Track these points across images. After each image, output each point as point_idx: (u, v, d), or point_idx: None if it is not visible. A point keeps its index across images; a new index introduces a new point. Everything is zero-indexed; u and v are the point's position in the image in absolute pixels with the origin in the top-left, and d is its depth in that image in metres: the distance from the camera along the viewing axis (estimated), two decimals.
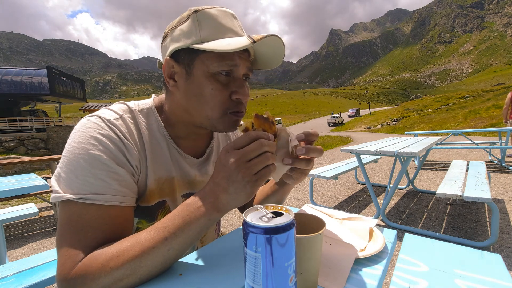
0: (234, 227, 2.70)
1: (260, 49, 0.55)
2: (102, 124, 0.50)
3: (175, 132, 0.62)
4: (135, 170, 0.53)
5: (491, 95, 23.57)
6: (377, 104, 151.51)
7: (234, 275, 0.45)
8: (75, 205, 0.45)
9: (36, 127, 22.11)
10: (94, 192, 0.46)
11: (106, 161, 0.48)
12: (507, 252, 1.91)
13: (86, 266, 0.42)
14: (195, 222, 0.44)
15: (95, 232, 0.46)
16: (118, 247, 0.44)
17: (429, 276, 0.43)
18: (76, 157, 0.47)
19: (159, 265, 0.44)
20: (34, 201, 4.08)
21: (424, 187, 3.73)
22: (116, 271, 0.42)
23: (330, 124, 39.57)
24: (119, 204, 0.48)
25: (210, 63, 0.51)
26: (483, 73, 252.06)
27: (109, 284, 0.42)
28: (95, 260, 0.43)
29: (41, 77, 24.87)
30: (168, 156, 0.60)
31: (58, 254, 0.45)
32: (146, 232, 0.45)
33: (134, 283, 0.43)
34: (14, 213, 1.91)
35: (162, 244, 0.43)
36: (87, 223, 0.45)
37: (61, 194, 0.45)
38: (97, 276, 0.41)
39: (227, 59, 0.51)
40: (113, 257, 0.42)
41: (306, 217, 0.43)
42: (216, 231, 0.79)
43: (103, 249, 0.44)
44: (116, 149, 0.49)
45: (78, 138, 0.48)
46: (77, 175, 0.46)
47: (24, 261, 1.06)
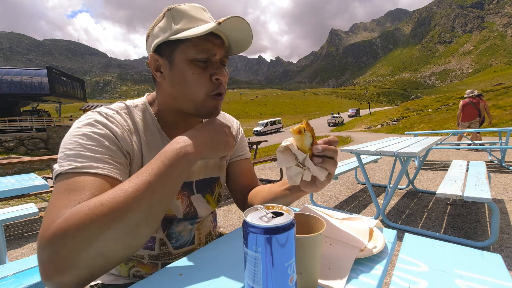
0: (234, 227, 2.70)
1: (230, 34, 0.60)
2: (98, 116, 0.57)
3: (167, 121, 0.67)
4: (126, 153, 0.57)
5: (491, 95, 23.57)
6: (377, 104, 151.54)
7: (234, 275, 0.45)
8: (68, 175, 0.47)
9: (36, 127, 22.11)
10: (87, 162, 0.48)
11: (98, 138, 0.52)
12: (507, 252, 1.91)
13: (66, 220, 0.39)
14: (175, 164, 0.47)
15: (82, 194, 0.44)
16: (100, 197, 0.42)
17: (429, 276, 0.43)
18: (72, 138, 0.51)
19: (145, 210, 0.43)
20: (34, 201, 4.08)
21: (424, 187, 3.73)
22: (102, 218, 0.39)
23: (330, 124, 39.60)
24: (112, 175, 0.50)
25: (188, 51, 0.58)
26: (483, 73, 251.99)
27: (95, 234, 0.39)
28: (77, 212, 0.40)
29: (41, 77, 24.86)
30: (162, 147, 0.62)
31: (43, 220, 0.42)
32: (128, 180, 0.45)
33: (124, 231, 0.41)
34: (14, 213, 1.91)
35: (145, 187, 0.44)
36: (78, 186, 0.45)
37: (57, 168, 0.48)
38: (80, 227, 0.38)
39: (203, 46, 0.58)
40: (97, 206, 0.40)
41: (306, 217, 0.43)
42: (212, 222, 0.81)
43: (83, 202, 0.42)
44: (109, 132, 0.55)
45: (75, 125, 0.54)
46: (72, 150, 0.49)
47: (24, 261, 1.06)
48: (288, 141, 0.50)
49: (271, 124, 39.45)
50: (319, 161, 0.49)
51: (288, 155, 0.50)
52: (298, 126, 0.48)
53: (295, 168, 0.51)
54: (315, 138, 0.50)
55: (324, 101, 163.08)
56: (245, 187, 0.81)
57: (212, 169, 0.76)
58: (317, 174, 0.49)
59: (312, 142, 0.49)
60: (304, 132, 0.48)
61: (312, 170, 0.49)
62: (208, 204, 0.75)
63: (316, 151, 0.49)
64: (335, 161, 0.50)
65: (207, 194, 0.75)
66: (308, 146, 0.49)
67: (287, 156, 0.50)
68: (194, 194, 0.72)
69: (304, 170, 0.50)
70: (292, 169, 0.51)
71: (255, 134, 37.07)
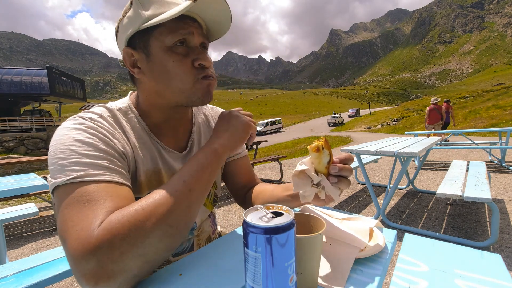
0: (234, 227, 2.70)
1: (207, 15, 0.56)
2: (83, 120, 0.52)
3: (153, 121, 0.63)
4: (123, 155, 0.54)
5: (491, 95, 23.56)
6: (377, 104, 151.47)
7: (234, 275, 0.45)
8: (71, 186, 0.43)
9: (36, 127, 22.10)
10: (88, 170, 0.45)
11: (92, 142, 0.48)
12: (507, 252, 1.91)
13: (109, 230, 0.38)
14: (207, 164, 0.51)
15: (102, 203, 0.42)
16: (138, 202, 0.42)
17: (429, 276, 0.43)
18: (63, 146, 0.46)
19: (185, 209, 0.45)
20: (34, 201, 4.08)
21: (424, 187, 3.73)
22: (146, 222, 0.40)
23: (330, 124, 39.59)
24: (115, 179, 0.47)
25: (164, 37, 0.53)
26: (483, 73, 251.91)
27: (141, 240, 0.39)
28: (118, 221, 0.39)
29: (41, 77, 24.83)
30: (153, 149, 0.61)
31: (65, 235, 0.39)
32: (164, 185, 0.47)
33: (166, 233, 0.42)
34: (14, 213, 1.92)
35: (182, 187, 0.46)
36: (91, 196, 0.42)
37: (54, 181, 0.44)
38: (126, 235, 0.38)
39: (180, 28, 0.53)
40: (138, 211, 0.40)
41: (306, 217, 0.43)
42: (212, 226, 0.80)
43: (121, 210, 0.41)
44: (101, 135, 0.51)
45: (62, 132, 0.49)
46: (67, 160, 0.45)
47: (24, 261, 1.06)
48: (303, 163, 0.49)
49: (271, 124, 39.42)
50: (334, 180, 0.48)
51: (304, 179, 0.49)
52: (316, 144, 0.47)
53: (311, 189, 0.50)
54: (331, 156, 0.49)
55: (324, 101, 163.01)
56: (245, 185, 0.81)
57: None
58: (332, 193, 0.49)
59: (329, 160, 0.49)
60: (322, 150, 0.47)
61: (327, 189, 0.49)
62: (204, 206, 0.73)
63: (333, 171, 0.48)
64: (349, 180, 0.50)
65: None
66: (325, 165, 0.48)
67: (303, 179, 0.49)
68: None
69: (319, 189, 0.50)
70: (307, 190, 0.50)
71: None
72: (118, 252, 0.37)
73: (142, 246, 0.39)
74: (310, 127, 39.88)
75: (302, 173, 0.49)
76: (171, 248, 0.45)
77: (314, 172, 0.49)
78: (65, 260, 1.08)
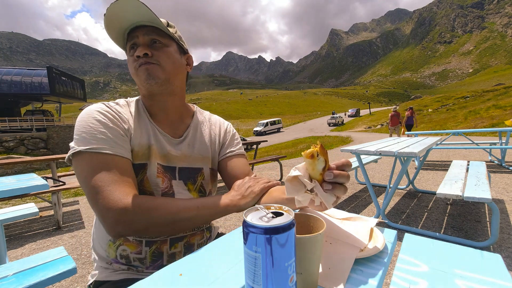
0: (234, 227, 2.70)
1: (126, 15, 0.68)
2: (102, 105, 0.72)
3: (152, 110, 0.79)
4: (126, 133, 0.71)
5: (491, 95, 23.56)
6: (377, 104, 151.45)
7: (234, 275, 0.45)
8: (90, 154, 0.62)
9: (36, 127, 22.10)
10: (100, 143, 0.63)
11: (105, 122, 0.67)
12: (507, 252, 1.91)
13: (135, 206, 0.59)
14: (218, 212, 0.68)
15: (121, 174, 0.63)
16: (149, 201, 0.63)
17: (429, 276, 0.43)
18: (85, 123, 0.65)
19: (187, 223, 0.65)
20: (34, 201, 4.08)
21: (424, 187, 3.73)
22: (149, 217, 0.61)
23: (330, 124, 39.56)
24: (120, 154, 0.65)
25: (127, 47, 0.74)
26: (483, 73, 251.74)
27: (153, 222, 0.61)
28: (140, 204, 0.60)
29: (41, 77, 24.83)
30: (149, 128, 0.76)
31: (105, 190, 0.59)
32: (181, 200, 0.67)
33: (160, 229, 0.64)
34: (14, 213, 1.92)
35: (194, 209, 0.65)
36: (108, 166, 0.62)
37: (76, 147, 0.62)
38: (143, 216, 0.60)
39: (131, 37, 0.72)
40: (152, 207, 0.62)
41: (306, 217, 0.43)
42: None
43: (143, 198, 0.63)
44: (112, 117, 0.69)
45: (86, 112, 0.68)
46: (87, 133, 0.63)
47: (24, 261, 1.06)
48: (297, 169, 0.48)
49: (271, 124, 39.42)
50: (329, 187, 0.46)
51: (296, 184, 0.48)
52: (311, 150, 0.46)
53: (304, 195, 0.49)
54: (327, 162, 0.47)
55: (324, 101, 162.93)
56: None
57: (195, 160, 0.82)
58: (325, 200, 0.47)
59: (325, 166, 0.47)
60: (317, 157, 0.46)
61: (320, 196, 0.47)
62: (189, 192, 0.79)
63: (327, 178, 0.46)
64: (345, 187, 0.48)
65: (188, 182, 0.79)
66: (320, 171, 0.46)
67: (295, 185, 0.48)
68: (176, 180, 0.77)
69: (313, 195, 0.49)
70: (300, 196, 0.49)
71: (255, 134, 37.05)
72: (137, 218, 0.60)
73: (152, 225, 0.62)
74: (310, 127, 39.87)
75: (295, 178, 0.47)
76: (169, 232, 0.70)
77: (308, 178, 0.47)
78: (65, 260, 1.08)
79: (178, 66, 0.77)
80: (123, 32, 0.72)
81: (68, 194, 4.63)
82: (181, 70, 0.79)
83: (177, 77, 0.78)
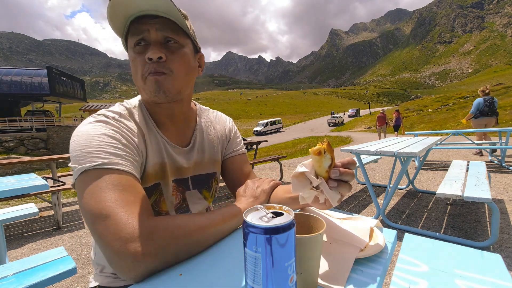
0: None
1: (145, 4, 0.56)
2: (107, 119, 0.58)
3: (158, 118, 0.69)
4: (139, 152, 0.60)
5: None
6: (377, 104, 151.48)
7: (234, 275, 0.45)
8: (100, 172, 0.49)
9: (36, 127, 22.10)
10: (112, 159, 0.51)
11: (117, 137, 0.55)
12: (507, 252, 1.91)
13: (155, 227, 0.47)
14: (229, 222, 0.58)
15: (131, 194, 0.50)
16: (174, 221, 0.51)
17: (429, 276, 0.43)
18: (90, 137, 0.53)
19: (208, 239, 0.54)
20: (34, 201, 4.08)
21: (424, 187, 3.73)
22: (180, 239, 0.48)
23: (330, 124, 39.56)
24: (133, 172, 0.54)
25: (131, 40, 0.60)
26: (483, 73, 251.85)
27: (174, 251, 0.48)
28: (162, 228, 0.47)
29: (41, 77, 24.82)
30: (160, 144, 0.67)
31: (109, 213, 0.45)
32: (204, 215, 0.56)
33: (190, 252, 0.50)
34: (14, 213, 1.92)
35: (221, 221, 0.56)
36: (121, 186, 0.49)
37: (81, 166, 0.50)
38: (167, 240, 0.47)
39: (136, 30, 0.58)
40: (177, 227, 0.49)
41: (306, 217, 0.43)
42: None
43: (162, 218, 0.50)
44: (123, 132, 0.58)
45: (87, 127, 0.55)
46: (92, 147, 0.51)
47: (24, 261, 1.06)
48: (304, 165, 0.49)
49: (271, 124, 39.41)
50: (334, 185, 0.47)
51: (303, 180, 0.49)
52: (318, 147, 0.47)
53: (309, 192, 0.49)
54: (333, 160, 0.48)
55: (324, 101, 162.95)
56: (243, 182, 0.82)
57: (207, 165, 0.78)
58: (330, 198, 0.48)
59: (331, 164, 0.48)
60: (323, 154, 0.46)
61: (325, 193, 0.48)
62: (205, 200, 0.77)
63: (333, 175, 0.47)
64: (350, 185, 0.49)
65: (203, 190, 0.76)
66: (326, 168, 0.47)
67: (301, 181, 0.49)
68: (190, 190, 0.73)
69: (318, 192, 0.49)
70: (305, 192, 0.50)
71: (255, 134, 37.04)
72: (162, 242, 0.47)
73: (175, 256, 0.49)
74: (310, 127, 39.86)
75: (301, 175, 0.48)
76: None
77: (314, 175, 0.48)
78: (65, 260, 1.08)
79: (191, 71, 0.66)
80: (126, 20, 0.58)
81: (68, 194, 4.63)
82: (194, 75, 0.69)
83: (189, 85, 0.68)
